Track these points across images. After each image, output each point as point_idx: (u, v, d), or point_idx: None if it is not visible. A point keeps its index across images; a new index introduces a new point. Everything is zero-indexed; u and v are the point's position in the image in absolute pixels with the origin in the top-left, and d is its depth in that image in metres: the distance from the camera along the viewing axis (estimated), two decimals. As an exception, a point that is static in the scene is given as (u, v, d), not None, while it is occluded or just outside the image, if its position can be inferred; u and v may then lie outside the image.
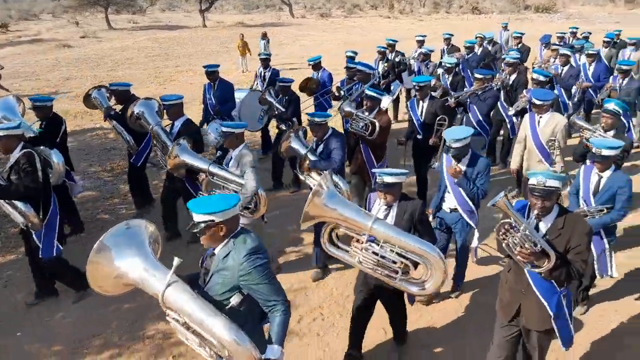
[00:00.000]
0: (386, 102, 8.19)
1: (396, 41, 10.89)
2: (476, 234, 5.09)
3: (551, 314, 3.35)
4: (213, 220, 2.75)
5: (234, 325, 2.65)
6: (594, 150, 4.37)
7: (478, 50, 11.39)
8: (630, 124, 7.79)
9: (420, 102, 6.84)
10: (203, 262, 3.01)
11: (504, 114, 8.04)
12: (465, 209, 4.92)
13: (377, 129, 5.94)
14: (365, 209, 3.99)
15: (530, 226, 3.24)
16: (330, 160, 5.40)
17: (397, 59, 10.27)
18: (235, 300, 2.77)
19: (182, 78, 17.07)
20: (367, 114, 6.11)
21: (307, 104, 8.46)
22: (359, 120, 6.10)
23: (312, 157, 5.47)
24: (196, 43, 27.01)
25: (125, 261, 2.71)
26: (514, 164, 6.41)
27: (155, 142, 6.35)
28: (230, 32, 30.92)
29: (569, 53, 9.10)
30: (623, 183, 4.32)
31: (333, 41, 25.64)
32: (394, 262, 3.65)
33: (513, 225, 3.29)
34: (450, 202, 4.98)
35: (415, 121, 6.89)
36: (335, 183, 5.16)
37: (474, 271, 5.51)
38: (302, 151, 5.52)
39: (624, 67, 8.02)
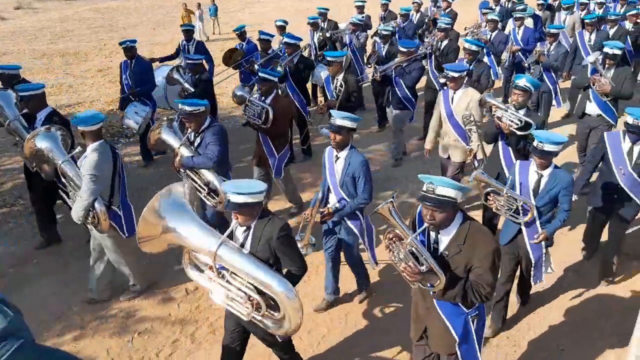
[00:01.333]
0: (325, 74, 7.97)
1: (327, 9, 10.36)
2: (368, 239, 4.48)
3: (456, 338, 2.96)
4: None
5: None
6: (535, 144, 3.91)
7: (415, 16, 11.21)
8: (557, 89, 7.96)
9: (336, 78, 6.52)
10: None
11: (435, 82, 7.74)
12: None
13: (271, 116, 5.43)
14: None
15: (416, 240, 2.80)
16: (205, 157, 4.70)
17: (328, 32, 9.64)
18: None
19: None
20: (263, 99, 5.59)
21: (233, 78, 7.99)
22: (252, 106, 5.58)
23: (185, 152, 4.76)
24: (141, 13, 25.88)
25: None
26: (428, 143, 6.07)
27: (16, 139, 5.42)
28: (174, 1, 29.73)
29: (497, 18, 9.08)
30: (566, 184, 3.93)
31: (286, 8, 25.12)
32: (248, 296, 3.07)
33: (400, 236, 2.87)
34: (333, 202, 4.34)
35: (329, 97, 6.68)
36: (213, 192, 4.74)
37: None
38: (175, 144, 4.80)
39: (553, 31, 7.96)
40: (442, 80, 7.13)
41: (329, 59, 6.52)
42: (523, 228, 4.08)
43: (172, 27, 20.37)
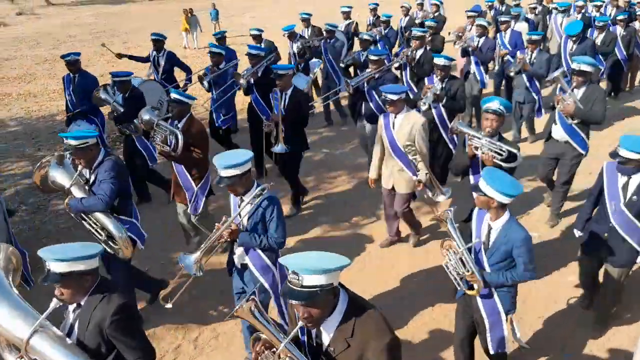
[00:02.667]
0: (303, 83, 7.66)
1: (310, 15, 9.88)
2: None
3: None
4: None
5: None
6: (480, 185, 3.23)
7: (404, 20, 10.84)
8: (541, 99, 7.58)
9: (282, 93, 5.93)
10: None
11: (410, 94, 6.86)
12: (257, 263, 3.64)
13: (181, 142, 4.77)
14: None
15: (290, 346, 2.23)
16: (96, 198, 3.95)
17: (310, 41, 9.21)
18: None
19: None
20: (175, 123, 5.01)
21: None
22: (159, 130, 4.94)
23: (77, 193, 4.00)
24: (143, 18, 25.96)
25: None
26: (372, 172, 5.39)
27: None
28: (177, 5, 29.79)
29: (485, 24, 8.59)
30: (520, 241, 3.19)
31: (286, 11, 25.17)
32: None
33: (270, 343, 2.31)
34: (240, 257, 3.72)
35: (275, 114, 5.95)
36: (111, 238, 4.04)
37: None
38: (66, 184, 4.02)
39: (534, 38, 7.45)
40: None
41: (277, 72, 5.90)
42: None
43: (175, 31, 20.42)
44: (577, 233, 4.31)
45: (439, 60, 6.08)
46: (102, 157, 4.06)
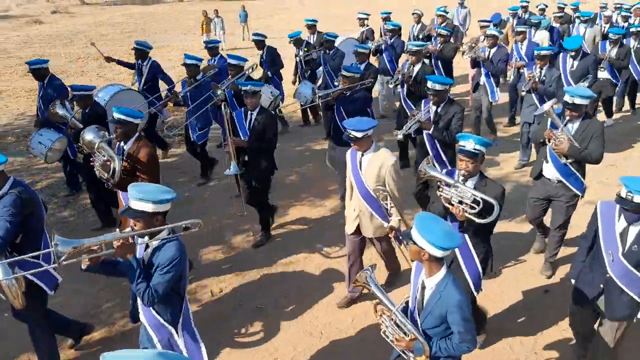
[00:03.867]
0: (308, 91, 7.37)
1: (316, 21, 9.65)
2: None
3: None
4: None
5: None
6: (412, 231, 2.74)
7: (416, 28, 10.44)
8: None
9: (249, 112, 5.44)
10: None
11: (408, 112, 6.36)
12: (153, 323, 3.15)
13: (118, 168, 4.34)
14: None
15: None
16: None
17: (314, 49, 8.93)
18: None
19: (159, 54, 16.72)
20: (121, 144, 4.52)
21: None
22: (99, 154, 4.50)
23: None
24: (173, 18, 26.43)
25: None
26: (348, 220, 4.62)
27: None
28: (207, 6, 30.23)
29: (496, 33, 8.02)
30: (454, 306, 2.70)
31: (313, 13, 25.30)
32: None
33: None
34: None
35: (241, 134, 5.46)
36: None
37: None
38: None
39: (543, 53, 6.73)
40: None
41: (251, 89, 5.34)
42: None
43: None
44: (573, 281, 3.80)
45: (432, 84, 5.27)
46: (7, 189, 3.61)
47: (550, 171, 4.77)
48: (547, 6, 11.65)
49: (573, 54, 7.32)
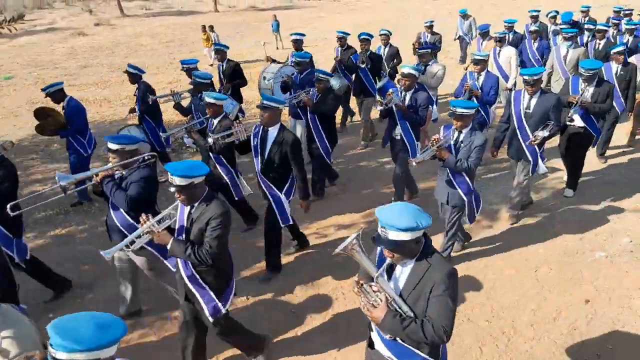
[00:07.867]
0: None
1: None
2: None
3: None
4: None
5: None
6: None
7: (383, 49, 9.29)
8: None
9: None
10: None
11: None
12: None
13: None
14: None
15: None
16: None
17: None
18: None
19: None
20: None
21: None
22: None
23: None
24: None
25: None
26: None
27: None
28: (242, 17, 30.82)
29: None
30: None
31: (346, 23, 25.43)
32: None
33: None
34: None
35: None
36: None
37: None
38: None
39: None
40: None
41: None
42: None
43: (240, 43, 21.13)
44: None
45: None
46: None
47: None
48: (557, 12, 11.59)
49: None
